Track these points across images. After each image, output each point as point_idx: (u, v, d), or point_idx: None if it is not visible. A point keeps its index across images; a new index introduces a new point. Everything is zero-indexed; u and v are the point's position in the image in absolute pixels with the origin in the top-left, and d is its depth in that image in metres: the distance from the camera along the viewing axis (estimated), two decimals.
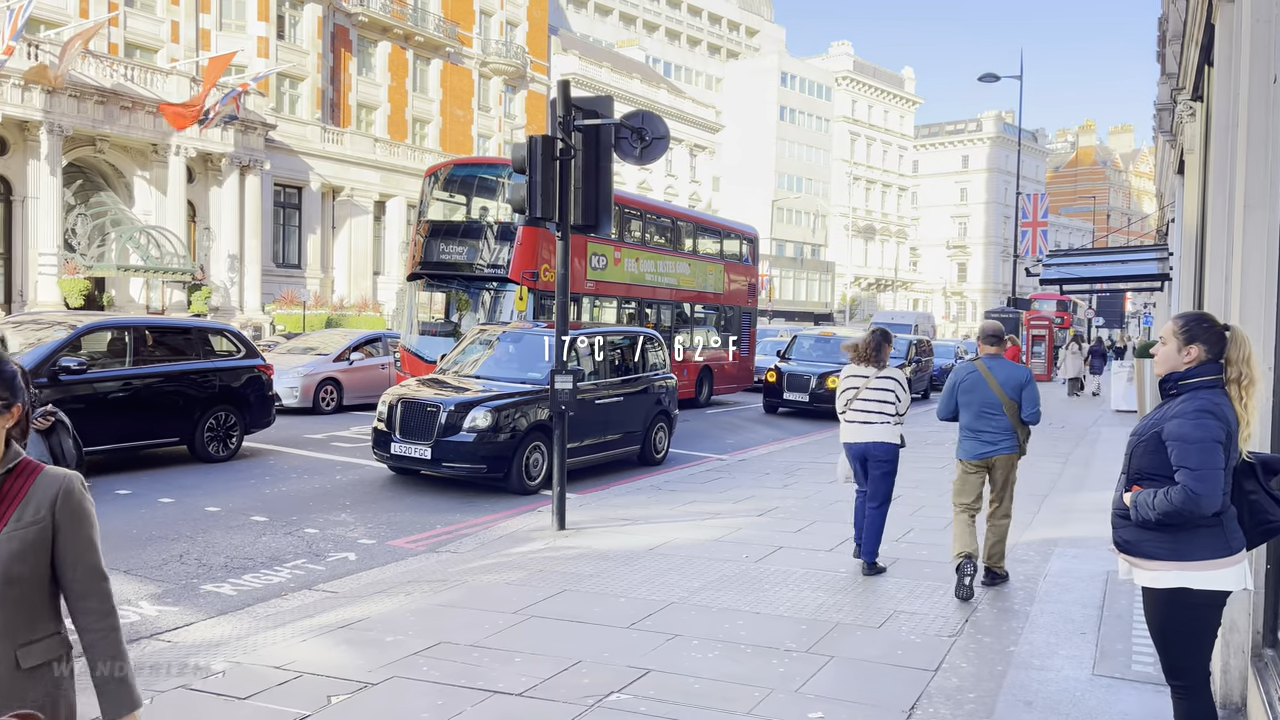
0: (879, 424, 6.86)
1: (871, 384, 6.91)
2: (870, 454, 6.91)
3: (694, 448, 14.56)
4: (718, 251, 23.46)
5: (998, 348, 6.68)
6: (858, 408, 6.92)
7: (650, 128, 8.92)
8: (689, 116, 64.64)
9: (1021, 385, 6.47)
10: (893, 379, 6.92)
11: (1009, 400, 6.43)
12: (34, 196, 29.07)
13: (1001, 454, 6.50)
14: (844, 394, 7.02)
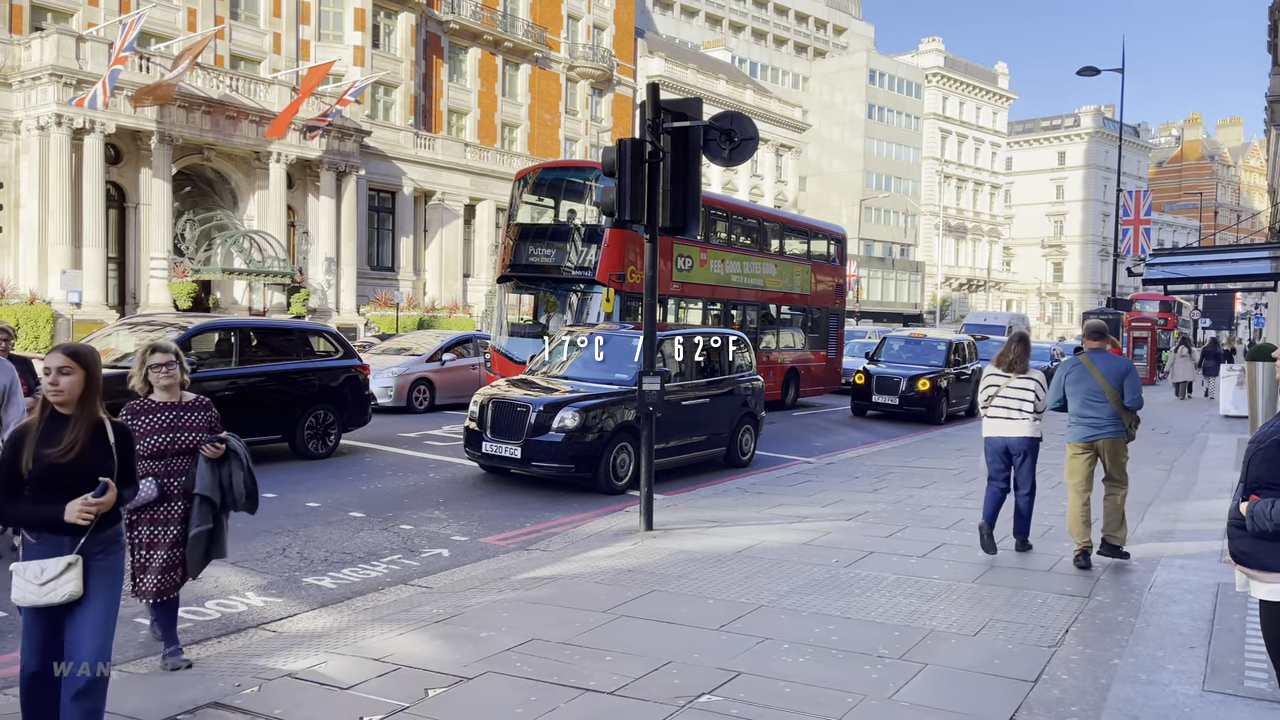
0: (1019, 420, 7.52)
1: (1012, 384, 7.59)
2: (1012, 447, 7.58)
3: (780, 450, 14.46)
4: (804, 252, 23.24)
5: (1101, 343, 7.32)
6: (998, 404, 7.59)
7: (739, 129, 8.90)
8: (775, 116, 64.17)
9: (1123, 374, 7.14)
10: (1032, 379, 7.60)
11: (1112, 389, 7.09)
12: (146, 203, 30.46)
13: (1105, 437, 7.18)
14: (984, 392, 7.73)
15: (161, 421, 4.93)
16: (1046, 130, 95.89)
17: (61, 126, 27.33)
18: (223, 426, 5.14)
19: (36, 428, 3.48)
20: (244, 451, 5.06)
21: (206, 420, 5.07)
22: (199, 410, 5.07)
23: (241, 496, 5.02)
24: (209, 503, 4.89)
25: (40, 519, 3.45)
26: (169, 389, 4.98)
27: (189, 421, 4.99)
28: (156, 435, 4.88)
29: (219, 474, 4.94)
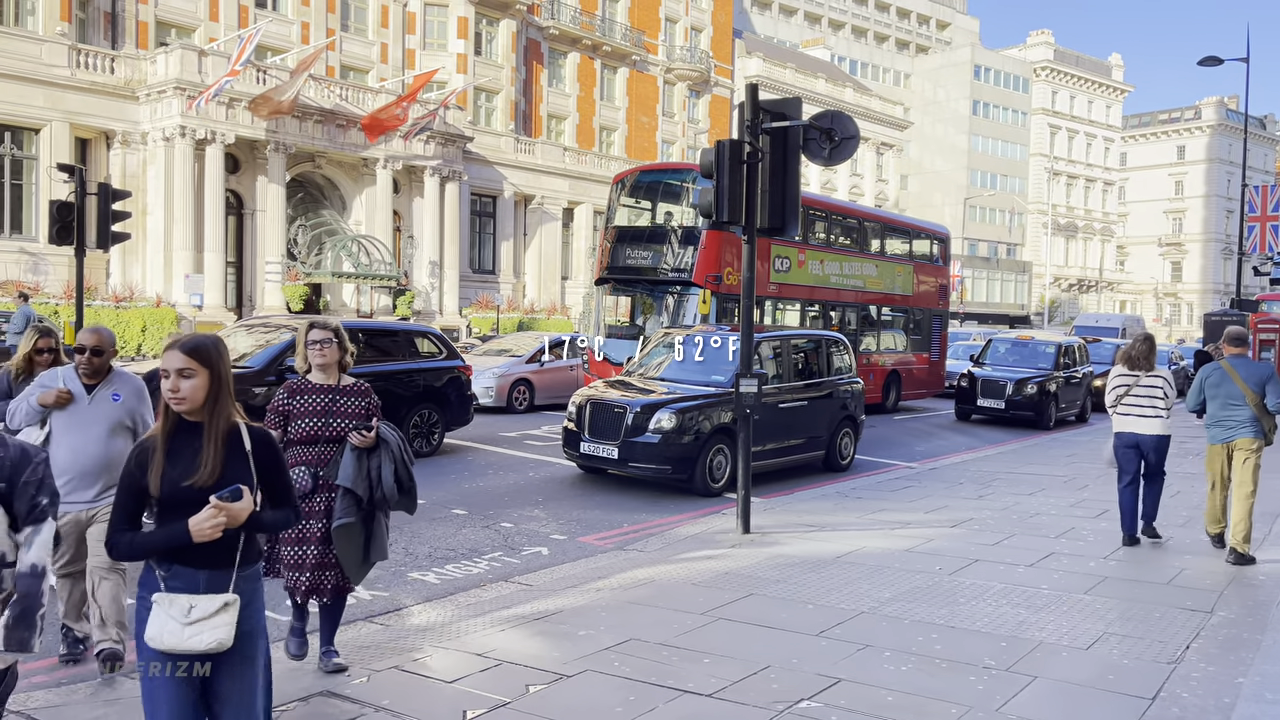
0: (1151, 417, 7.95)
1: (1142, 383, 8.00)
2: (1143, 443, 7.99)
3: (881, 454, 14.20)
4: (906, 252, 22.77)
5: (1242, 349, 7.63)
6: (1129, 403, 8.03)
7: (839, 127, 8.78)
8: (875, 114, 63.07)
9: (1265, 379, 7.42)
10: (1161, 378, 8.01)
11: (1252, 393, 7.37)
12: (262, 210, 31.79)
13: (1242, 438, 7.44)
14: (1114, 391, 8.12)
15: (316, 404, 4.64)
16: (1164, 123, 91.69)
17: (185, 137, 28.73)
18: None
19: (161, 443, 2.89)
20: (398, 442, 4.70)
21: (363, 407, 4.72)
22: (356, 396, 4.73)
23: (392, 493, 4.61)
24: (352, 496, 4.53)
25: (171, 542, 2.80)
26: (326, 369, 4.72)
27: (344, 407, 4.67)
28: (309, 419, 4.61)
29: (365, 465, 4.57)
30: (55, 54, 28.08)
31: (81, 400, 4.79)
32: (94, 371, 4.84)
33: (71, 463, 4.68)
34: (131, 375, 5.04)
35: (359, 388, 4.78)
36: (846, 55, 73.04)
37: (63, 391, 4.74)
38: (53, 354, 5.46)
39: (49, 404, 4.72)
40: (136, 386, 4.95)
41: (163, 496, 2.83)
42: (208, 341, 2.97)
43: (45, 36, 28.27)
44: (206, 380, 2.91)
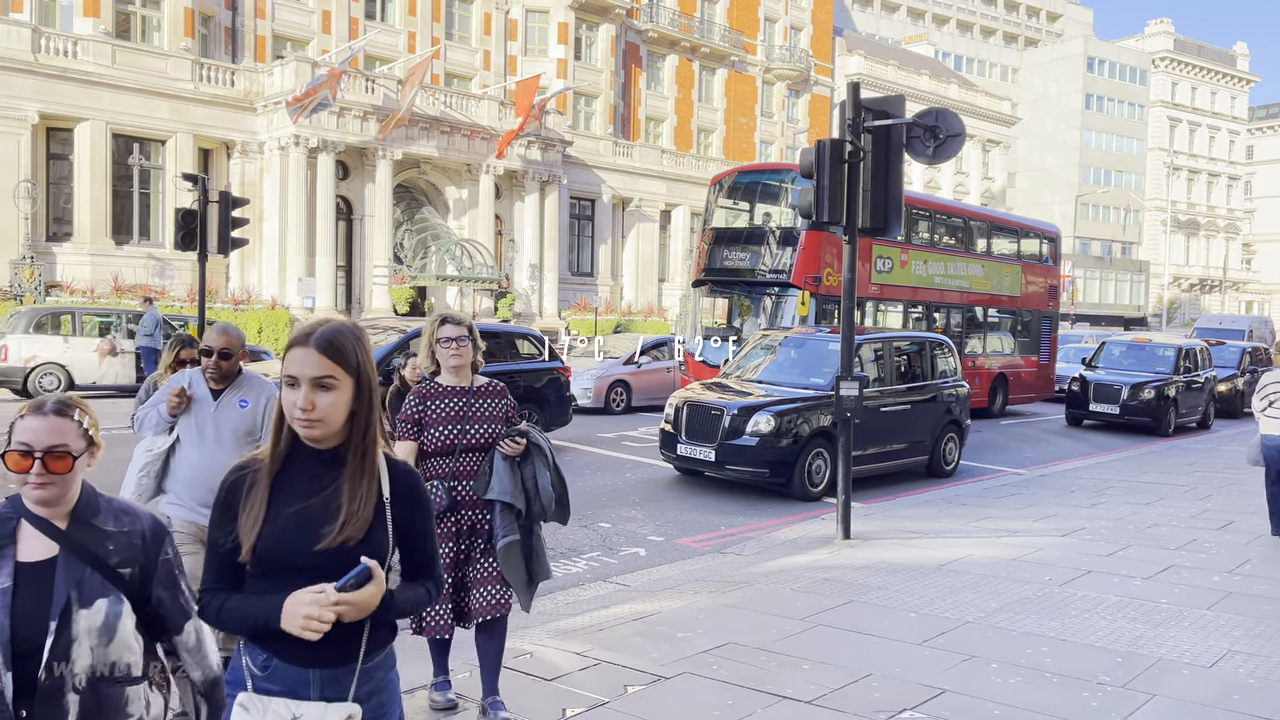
0: None
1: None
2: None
3: (987, 460, 13.80)
4: (1014, 252, 22.07)
5: None
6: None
7: (945, 125, 8.57)
8: (981, 110, 61.34)
9: None
10: None
11: None
12: (370, 215, 32.80)
13: None
14: (1265, 397, 8.38)
15: (450, 409, 4.13)
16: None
17: (299, 146, 29.85)
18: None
19: (267, 477, 2.06)
20: (549, 447, 4.26)
21: (502, 409, 4.24)
22: (493, 397, 4.24)
23: (550, 502, 4.16)
24: (512, 510, 4.09)
25: (263, 624, 1.98)
26: (458, 370, 4.19)
27: (481, 410, 4.17)
28: (444, 426, 4.11)
29: (519, 475, 4.11)
30: (180, 68, 29.53)
31: (206, 406, 4.42)
32: (221, 375, 4.43)
33: (192, 475, 4.38)
34: (263, 380, 4.55)
35: (494, 388, 4.26)
36: (951, 51, 71.25)
37: (178, 391, 4.39)
38: (196, 364, 5.15)
39: (174, 410, 4.41)
40: (268, 393, 4.46)
41: (261, 554, 2.01)
42: (348, 335, 2.08)
43: (171, 52, 29.77)
44: (350, 392, 2.04)
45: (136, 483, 4.42)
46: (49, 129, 27.64)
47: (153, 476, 4.45)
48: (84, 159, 27.89)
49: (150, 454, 4.44)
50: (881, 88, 52.26)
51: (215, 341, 4.39)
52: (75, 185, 28.02)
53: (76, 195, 28.03)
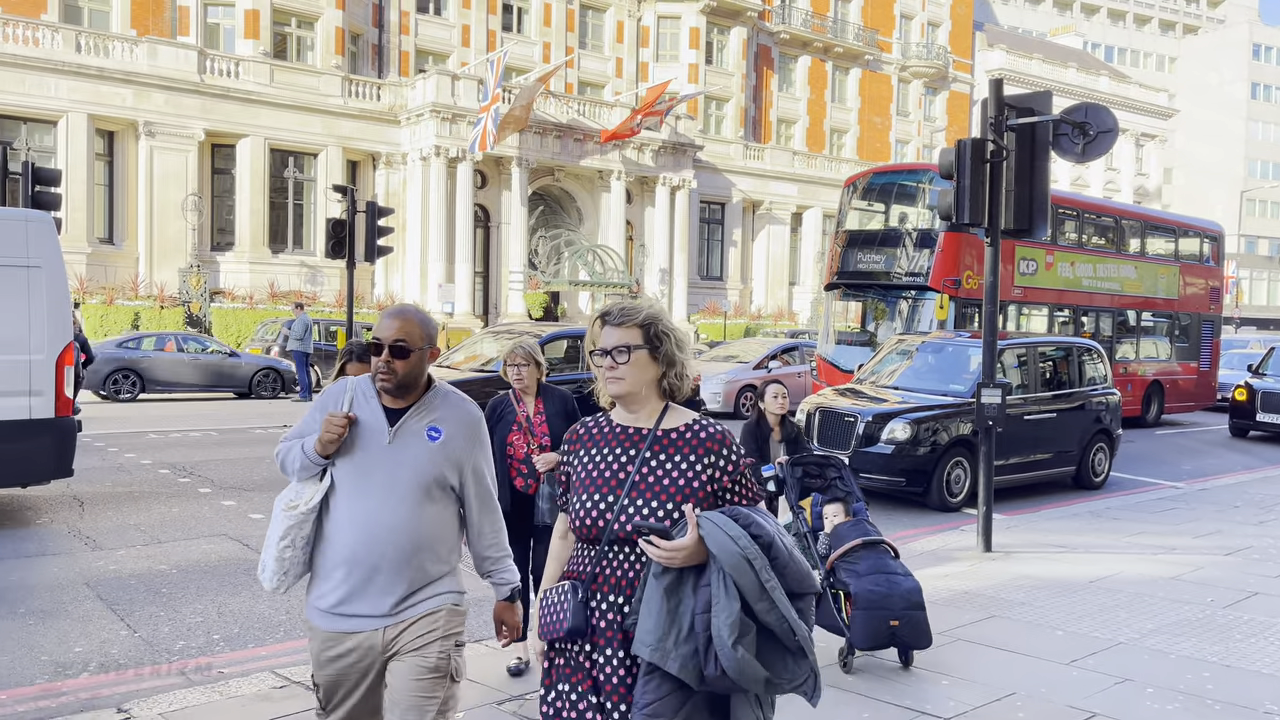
0: None
1: None
2: None
3: (1140, 472, 13.07)
4: (1170, 252, 20.84)
5: None
6: None
7: (1095, 121, 8.18)
8: (1134, 103, 58.20)
9: None
10: None
11: None
12: (506, 222, 33.73)
13: None
14: None
15: (611, 463, 3.30)
16: None
17: (440, 157, 30.97)
18: None
19: None
20: (755, 555, 2.50)
21: (703, 475, 2.83)
22: (692, 451, 2.68)
23: (737, 665, 1.90)
24: (662, 679, 2.32)
25: None
26: (626, 398, 2.98)
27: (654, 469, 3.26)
28: (597, 494, 3.45)
29: (678, 606, 2.78)
30: (331, 85, 31.10)
31: (376, 434, 2.78)
32: (399, 385, 2.77)
33: (355, 545, 2.73)
34: (462, 399, 2.91)
35: (700, 435, 2.42)
36: (1101, 41, 67.96)
37: (336, 418, 2.73)
38: None
39: (329, 445, 2.73)
40: (469, 419, 2.88)
41: None
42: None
43: (323, 69, 31.38)
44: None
45: (277, 560, 2.81)
46: (213, 145, 29.57)
47: (301, 548, 2.81)
48: (244, 173, 29.71)
49: (292, 512, 2.77)
50: (1025, 82, 50.26)
51: (387, 331, 2.74)
52: (236, 198, 29.89)
53: (237, 207, 29.89)
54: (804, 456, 5.98)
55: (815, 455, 6.07)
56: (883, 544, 5.16)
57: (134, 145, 28.23)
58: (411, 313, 2.82)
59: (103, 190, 28.14)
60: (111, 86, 27.29)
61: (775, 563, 2.21)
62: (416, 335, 2.77)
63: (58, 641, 5.33)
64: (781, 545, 2.25)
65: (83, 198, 26.38)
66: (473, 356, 12.34)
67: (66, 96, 26.53)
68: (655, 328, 2.43)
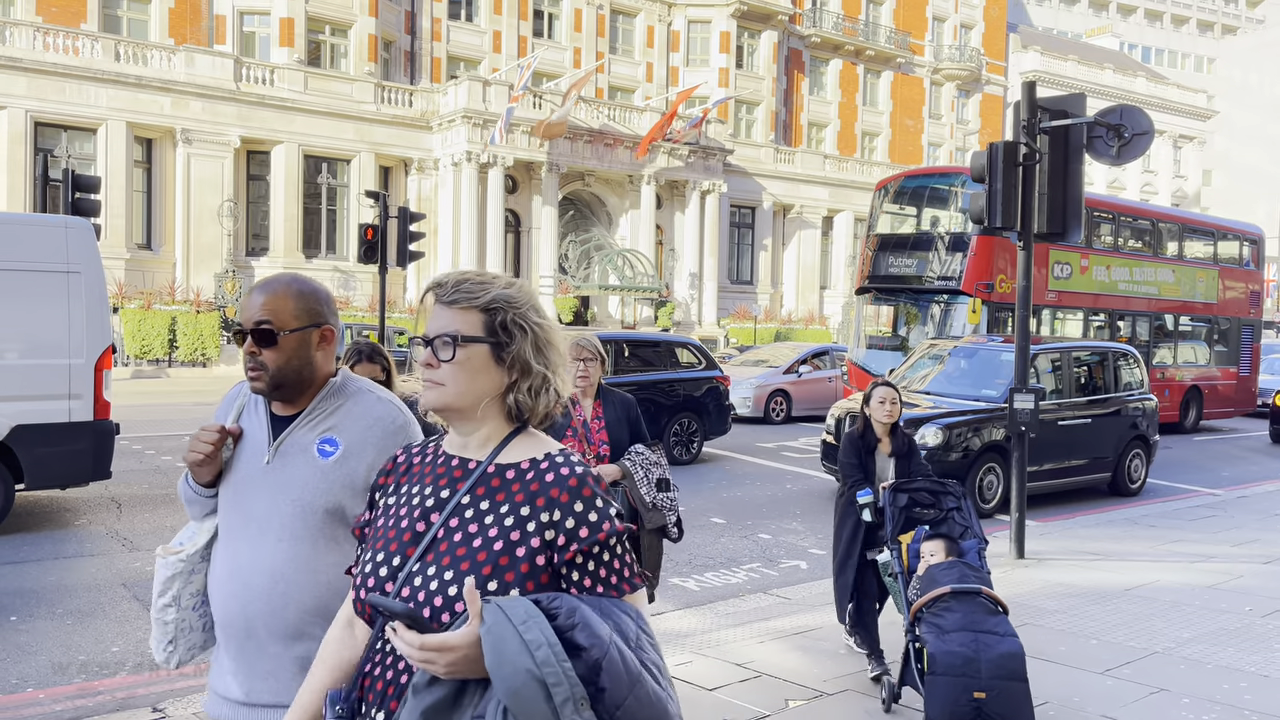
0: None
1: None
2: None
3: (1178, 479, 12.86)
4: (1209, 255, 20.51)
5: None
6: None
7: (1130, 123, 8.08)
8: (1172, 104, 57.39)
9: None
10: None
11: None
12: (536, 227, 33.88)
13: None
14: None
15: None
16: None
17: (471, 162, 31.18)
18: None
19: None
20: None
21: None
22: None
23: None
24: None
25: None
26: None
27: None
28: None
29: None
30: (364, 91, 31.42)
31: (256, 453, 2.14)
32: (275, 383, 2.10)
33: (227, 604, 2.09)
34: (377, 399, 2.21)
35: (546, 477, 1.66)
36: (1138, 42, 67.08)
37: (204, 433, 2.13)
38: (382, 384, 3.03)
39: (198, 470, 2.15)
40: (381, 425, 2.16)
41: None
42: None
43: (356, 76, 31.72)
44: None
45: (158, 622, 2.18)
46: (249, 152, 29.97)
47: (192, 608, 2.18)
48: (279, 179, 30.08)
49: (172, 559, 2.15)
50: (1060, 84, 49.73)
51: (249, 311, 2.10)
52: (271, 203, 30.26)
53: (272, 213, 30.27)
54: (914, 481, 5.03)
55: (930, 481, 5.04)
56: (980, 594, 4.24)
57: (171, 152, 28.68)
58: (282, 284, 2.13)
59: (141, 197, 28.61)
60: (150, 94, 27.76)
61: (600, 699, 1.36)
62: (288, 312, 2.08)
63: (95, 641, 5.41)
64: (625, 671, 1.40)
65: (122, 204, 26.84)
66: None
67: (106, 105, 27.02)
68: (506, 315, 1.63)
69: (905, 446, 5.39)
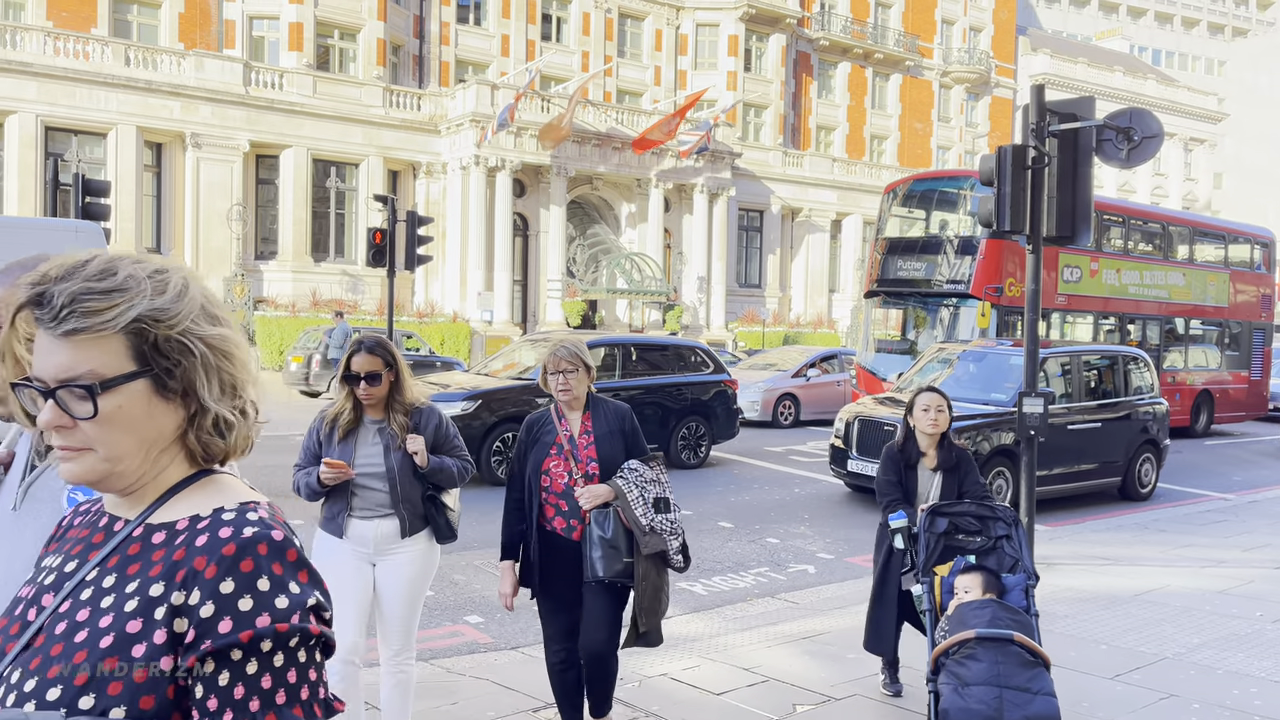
0: None
1: None
2: None
3: (1188, 483, 12.80)
4: (1220, 259, 20.42)
5: None
6: None
7: (1140, 126, 8.05)
8: (1182, 107, 57.18)
9: None
10: None
11: None
12: (544, 231, 33.89)
13: None
14: None
15: None
16: None
17: (479, 165, 31.22)
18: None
19: None
20: None
21: None
22: None
23: None
24: None
25: None
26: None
27: None
28: None
29: None
30: (372, 95, 31.50)
31: (7, 494, 1.83)
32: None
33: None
34: None
35: (196, 541, 1.16)
36: (1149, 45, 66.87)
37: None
38: (391, 385, 3.68)
39: None
40: None
41: None
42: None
43: (364, 80, 31.81)
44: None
45: None
46: (257, 156, 30.07)
47: None
48: (288, 183, 30.17)
49: None
50: (1070, 87, 49.60)
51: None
52: (279, 207, 30.36)
53: (280, 217, 30.36)
54: (956, 504, 4.43)
55: (978, 504, 4.42)
56: (1013, 642, 3.59)
57: (181, 156, 28.80)
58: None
59: (150, 201, 28.73)
60: (160, 99, 27.88)
61: None
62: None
63: None
64: None
65: (131, 208, 26.95)
66: (511, 364, 12.40)
67: (116, 109, 27.14)
68: (156, 333, 1.13)
69: (954, 461, 4.76)
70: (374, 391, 3.64)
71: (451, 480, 3.79)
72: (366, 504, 3.69)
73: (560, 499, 3.81)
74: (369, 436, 3.71)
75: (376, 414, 3.71)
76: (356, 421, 3.70)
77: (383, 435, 3.69)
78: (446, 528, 3.80)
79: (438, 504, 3.76)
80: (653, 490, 3.81)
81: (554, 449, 3.83)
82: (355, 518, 3.69)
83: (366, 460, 3.68)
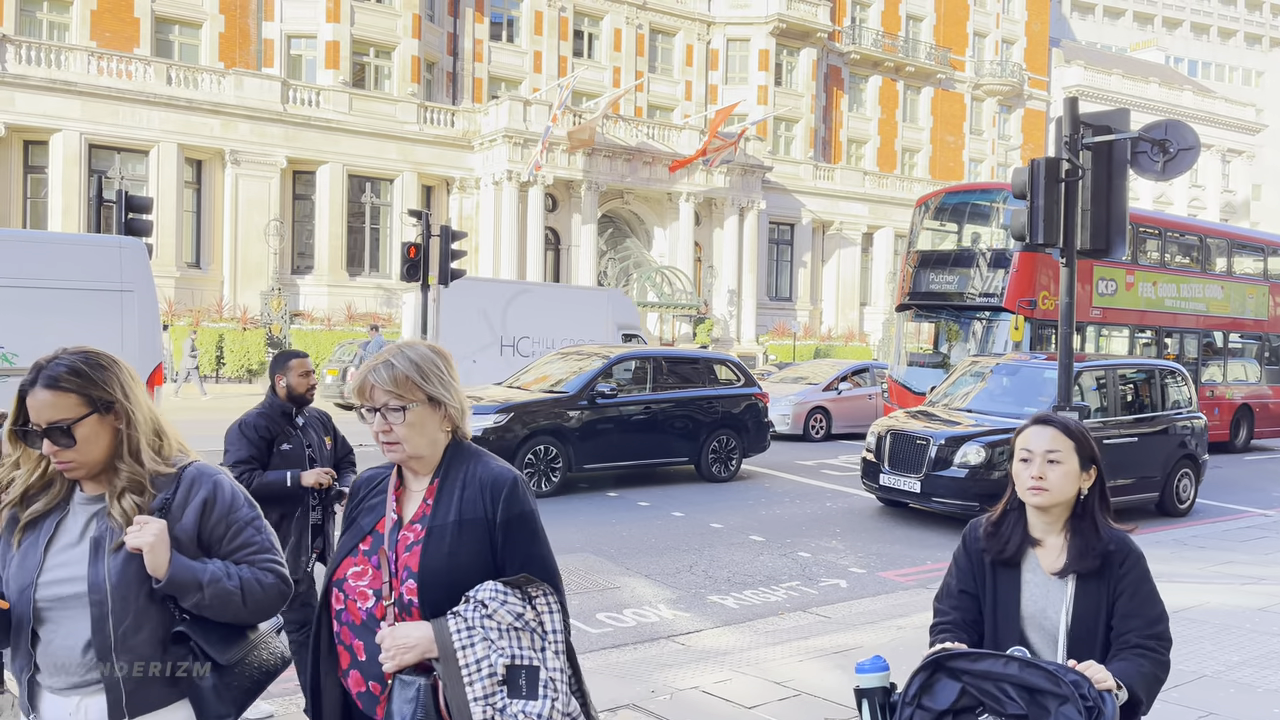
0: None
1: None
2: None
3: (1228, 499, 12.59)
4: (1260, 271, 20.11)
5: None
6: None
7: (1176, 138, 8.00)
8: (1219, 118, 56.46)
9: None
10: None
11: None
12: (576, 245, 34.09)
13: None
14: None
15: None
16: None
17: (511, 181, 31.50)
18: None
19: None
20: None
21: None
22: None
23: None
24: None
25: None
26: None
27: None
28: None
29: None
30: (407, 112, 31.91)
31: None
32: None
33: None
34: None
35: None
36: (1185, 56, 66.11)
37: None
38: (115, 437, 2.06)
39: None
40: None
41: None
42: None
43: (399, 97, 32.24)
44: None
45: None
46: (295, 172, 30.55)
47: None
48: (324, 198, 30.62)
49: None
50: (1104, 99, 49.14)
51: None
52: (316, 223, 30.80)
53: (317, 232, 30.80)
54: (980, 659, 2.31)
55: (1028, 664, 2.25)
56: None
57: (220, 173, 29.32)
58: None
59: (190, 216, 29.26)
60: (200, 117, 28.43)
61: None
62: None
63: None
64: None
65: (172, 224, 27.46)
66: (543, 377, 12.48)
67: (158, 127, 27.71)
68: None
69: (1099, 559, 2.45)
70: (68, 456, 1.99)
71: (227, 607, 2.03)
72: (59, 660, 2.00)
73: (355, 636, 2.09)
74: (73, 526, 2.05)
75: (94, 487, 2.07)
76: (57, 499, 2.07)
77: (97, 525, 2.04)
78: (217, 699, 2.03)
79: (198, 652, 2.02)
80: (513, 648, 2.00)
81: (365, 542, 2.13)
82: (46, 689, 2.03)
83: (59, 573, 2.00)
